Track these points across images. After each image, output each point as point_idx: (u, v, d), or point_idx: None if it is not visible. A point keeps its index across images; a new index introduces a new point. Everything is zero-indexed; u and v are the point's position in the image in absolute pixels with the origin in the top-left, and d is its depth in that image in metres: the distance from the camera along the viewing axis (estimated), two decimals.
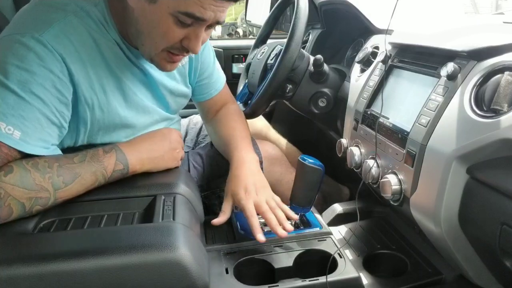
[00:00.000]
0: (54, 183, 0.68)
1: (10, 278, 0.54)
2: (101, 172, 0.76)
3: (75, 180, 0.71)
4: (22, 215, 0.66)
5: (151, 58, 0.81)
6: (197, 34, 0.75)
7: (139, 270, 0.57)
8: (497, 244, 0.62)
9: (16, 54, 0.68)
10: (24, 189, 0.65)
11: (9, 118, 0.65)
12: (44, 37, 0.70)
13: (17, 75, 0.67)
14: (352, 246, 0.99)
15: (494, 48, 0.69)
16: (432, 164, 0.71)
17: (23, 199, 0.65)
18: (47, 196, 0.68)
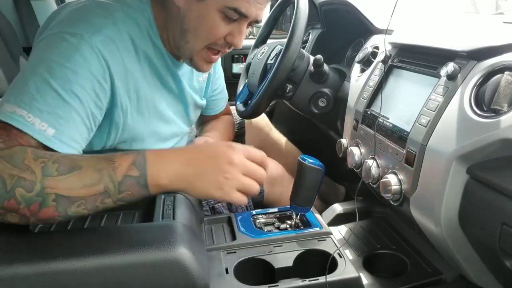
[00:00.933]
0: (45, 168, 0.59)
1: (10, 277, 0.54)
2: (108, 172, 0.61)
3: (72, 172, 0.60)
4: (4, 195, 0.56)
5: (192, 57, 0.84)
6: (240, 30, 0.80)
7: (139, 269, 0.57)
8: (497, 244, 0.62)
9: (63, 53, 0.69)
10: (8, 164, 0.58)
11: (44, 115, 0.65)
12: (93, 40, 0.71)
13: (60, 73, 0.67)
14: (352, 246, 0.99)
15: (494, 48, 0.69)
16: (432, 164, 0.71)
17: (5, 173, 0.57)
18: (32, 179, 0.58)
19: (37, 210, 0.59)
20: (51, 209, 0.59)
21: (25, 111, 0.64)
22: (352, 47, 1.33)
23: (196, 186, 0.67)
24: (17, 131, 0.63)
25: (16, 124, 0.63)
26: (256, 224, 0.95)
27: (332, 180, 1.51)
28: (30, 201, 0.58)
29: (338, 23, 1.41)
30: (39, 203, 0.58)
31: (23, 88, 0.66)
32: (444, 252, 0.81)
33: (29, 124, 0.63)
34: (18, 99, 0.65)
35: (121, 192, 0.62)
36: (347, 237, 1.04)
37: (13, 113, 0.63)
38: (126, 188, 0.62)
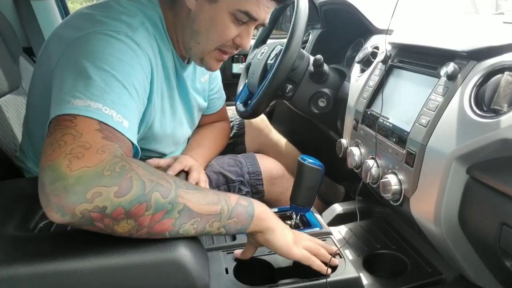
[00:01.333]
0: (176, 181, 0.61)
1: (10, 278, 0.54)
2: (223, 196, 0.66)
3: (197, 190, 0.63)
4: (140, 197, 0.55)
5: (202, 57, 0.85)
6: (248, 32, 0.82)
7: (139, 270, 0.57)
8: (497, 244, 0.62)
9: (116, 48, 0.69)
10: (147, 171, 0.58)
11: (118, 107, 0.64)
12: (136, 38, 0.73)
13: (121, 67, 0.67)
14: (352, 246, 0.99)
15: (494, 48, 0.69)
16: (432, 164, 0.71)
17: (144, 177, 0.56)
18: (168, 186, 0.58)
19: (158, 220, 0.57)
20: (170, 221, 0.59)
21: (100, 104, 0.62)
22: (352, 47, 1.33)
23: (284, 228, 0.74)
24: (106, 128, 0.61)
25: (98, 117, 0.60)
26: None
27: (332, 180, 1.51)
28: (160, 208, 0.57)
29: (338, 23, 1.41)
30: (166, 211, 0.58)
31: (89, 81, 0.63)
32: (444, 252, 0.81)
33: (109, 116, 0.62)
34: (88, 92, 0.62)
35: (230, 218, 0.65)
36: (347, 237, 1.04)
37: (88, 107, 0.60)
38: (236, 214, 0.66)
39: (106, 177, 0.53)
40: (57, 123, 0.59)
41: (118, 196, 0.53)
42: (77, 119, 0.59)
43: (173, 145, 0.96)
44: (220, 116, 1.25)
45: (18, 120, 1.14)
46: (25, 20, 1.67)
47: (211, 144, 1.15)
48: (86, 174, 0.53)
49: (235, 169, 1.14)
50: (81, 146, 0.55)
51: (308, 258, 0.74)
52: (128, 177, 0.55)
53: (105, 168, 0.54)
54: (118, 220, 0.55)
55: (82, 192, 0.52)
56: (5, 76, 1.13)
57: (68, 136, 0.57)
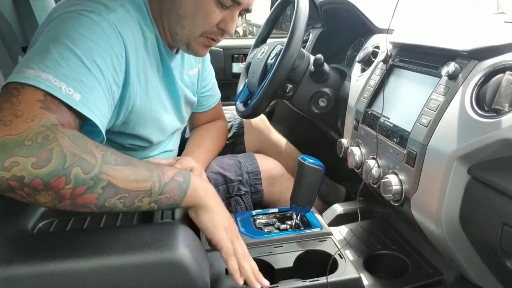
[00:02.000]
0: (105, 156, 0.60)
1: (9, 278, 0.54)
2: (158, 173, 0.66)
3: (128, 165, 0.62)
4: (59, 170, 0.55)
5: (189, 43, 0.85)
6: (233, 16, 0.82)
7: (139, 270, 0.57)
8: (498, 245, 0.62)
9: (83, 25, 0.69)
10: (72, 143, 0.58)
11: (70, 81, 0.64)
12: (110, 18, 0.72)
13: (82, 42, 0.67)
14: (352, 247, 0.99)
15: (495, 48, 0.69)
16: (433, 164, 0.71)
17: (67, 150, 0.57)
18: (92, 162, 0.58)
19: (80, 194, 0.58)
20: (94, 195, 0.59)
21: (51, 75, 0.62)
22: (353, 46, 1.33)
23: (221, 211, 0.72)
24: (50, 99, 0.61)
25: (44, 87, 0.61)
26: (256, 224, 0.95)
27: (333, 180, 1.51)
28: (80, 183, 0.57)
29: (339, 23, 1.41)
30: (87, 186, 0.58)
31: (45, 54, 0.64)
32: (445, 253, 0.81)
33: (56, 88, 0.62)
34: (42, 64, 0.63)
35: (161, 194, 0.65)
36: (348, 237, 1.04)
37: (37, 77, 0.61)
38: (168, 190, 0.66)
39: (26, 147, 0.54)
40: (5, 90, 0.61)
41: (35, 167, 0.54)
42: (24, 89, 0.60)
43: (159, 131, 0.95)
44: (215, 113, 1.24)
45: None
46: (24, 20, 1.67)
47: (210, 145, 1.15)
48: (7, 142, 0.54)
49: (234, 169, 1.14)
50: (13, 114, 0.56)
51: (228, 253, 0.70)
52: (49, 149, 0.55)
53: (27, 138, 0.55)
54: (38, 190, 0.55)
55: (1, 159, 0.53)
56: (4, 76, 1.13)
57: (7, 104, 0.58)
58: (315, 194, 0.90)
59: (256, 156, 1.18)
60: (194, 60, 1.04)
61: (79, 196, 0.58)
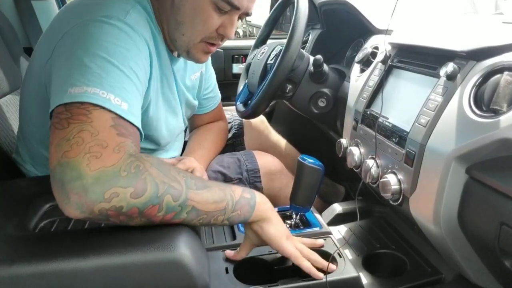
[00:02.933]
0: (187, 182, 0.63)
1: (11, 277, 0.54)
2: (229, 192, 0.69)
3: (206, 188, 0.66)
4: (154, 199, 0.58)
5: (189, 49, 0.85)
6: (232, 21, 0.82)
7: (139, 270, 0.57)
8: (496, 244, 0.62)
9: (109, 34, 0.69)
10: (160, 172, 0.60)
11: (116, 90, 0.65)
12: (129, 21, 0.72)
13: (116, 51, 0.68)
14: (351, 246, 1.00)
15: (493, 48, 0.69)
16: (431, 164, 0.71)
17: (158, 179, 0.59)
18: (180, 189, 0.61)
19: (169, 219, 0.62)
20: (180, 220, 0.63)
21: (97, 88, 0.62)
22: (352, 47, 1.33)
23: (281, 222, 0.78)
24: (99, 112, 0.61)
25: (95, 101, 0.61)
26: None
27: (332, 180, 1.51)
28: (171, 210, 0.61)
29: (338, 23, 1.41)
30: (175, 213, 0.61)
31: (85, 69, 0.64)
32: (443, 252, 0.81)
33: (107, 100, 0.62)
34: (85, 79, 0.63)
35: (234, 211, 0.69)
36: (347, 237, 1.04)
37: (85, 93, 0.62)
38: (239, 207, 0.70)
39: (123, 178, 0.56)
40: (70, 115, 0.60)
41: (133, 197, 0.57)
42: (93, 114, 0.61)
43: (167, 134, 0.96)
44: (216, 115, 1.25)
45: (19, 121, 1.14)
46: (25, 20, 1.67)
47: (211, 145, 1.16)
48: (105, 174, 0.55)
49: (234, 167, 1.15)
50: (99, 145, 0.58)
51: (298, 258, 0.76)
52: (143, 178, 0.58)
53: (121, 169, 0.57)
54: (132, 218, 0.59)
55: (101, 192, 0.55)
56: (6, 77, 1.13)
57: (85, 133, 0.58)
58: (315, 194, 0.90)
59: (255, 153, 1.19)
60: (196, 64, 1.05)
61: (168, 221, 0.62)
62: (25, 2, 1.66)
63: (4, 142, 1.04)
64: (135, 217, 0.59)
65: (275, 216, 0.76)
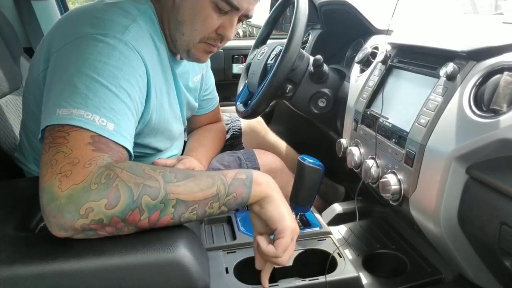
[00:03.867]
0: (165, 176, 0.61)
1: (10, 278, 0.54)
2: (219, 176, 0.66)
3: (189, 178, 0.63)
4: (130, 205, 0.57)
5: (189, 49, 0.85)
6: (231, 22, 0.81)
7: (139, 270, 0.57)
8: (496, 244, 0.62)
9: (102, 52, 0.69)
10: (132, 174, 0.59)
11: (102, 111, 0.64)
12: (126, 38, 0.72)
13: (106, 70, 0.67)
14: (351, 246, 1.00)
15: (493, 49, 0.69)
16: (431, 164, 0.71)
17: (130, 182, 0.58)
18: (156, 186, 0.59)
19: (156, 219, 0.60)
20: (168, 216, 0.61)
21: (83, 110, 0.63)
22: (352, 47, 1.33)
23: (281, 205, 0.70)
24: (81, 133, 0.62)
25: (78, 123, 0.62)
26: None
27: (332, 180, 1.51)
28: (153, 209, 0.59)
29: (338, 24, 1.41)
30: (160, 210, 0.60)
31: (73, 89, 0.65)
32: (443, 252, 0.81)
33: (90, 122, 0.63)
34: (72, 100, 0.64)
35: (228, 195, 0.65)
36: (347, 236, 1.04)
37: (70, 115, 0.62)
38: (233, 189, 0.66)
39: (94, 191, 0.56)
40: (51, 139, 0.61)
41: (109, 208, 0.56)
42: (70, 135, 0.61)
43: (168, 139, 0.96)
44: (214, 116, 1.25)
45: (19, 121, 1.14)
46: (25, 21, 1.67)
47: (211, 143, 1.16)
48: (76, 192, 0.55)
49: (234, 165, 1.15)
50: (70, 163, 0.58)
51: (283, 246, 0.68)
52: (114, 186, 0.57)
53: (92, 182, 0.56)
54: (119, 228, 0.58)
55: (75, 209, 0.55)
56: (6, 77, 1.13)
57: (59, 154, 0.59)
58: (315, 194, 0.90)
59: (255, 151, 1.19)
60: (198, 66, 1.05)
61: (156, 222, 0.60)
62: (25, 2, 1.66)
63: (5, 142, 1.04)
64: (120, 226, 0.58)
65: (278, 194, 0.70)
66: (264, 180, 0.70)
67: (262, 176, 0.70)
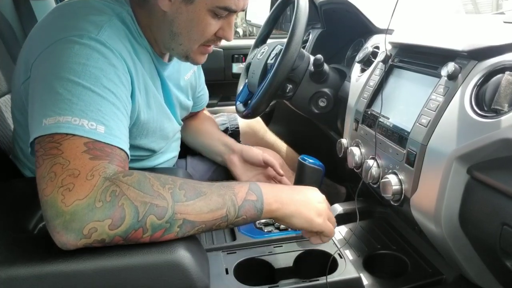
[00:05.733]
0: (174, 194, 0.60)
1: (10, 279, 0.54)
2: (230, 196, 0.64)
3: (199, 197, 0.62)
4: (135, 224, 0.56)
5: (187, 55, 0.84)
6: (230, 23, 0.81)
7: (139, 272, 0.57)
8: (497, 245, 0.62)
9: (80, 54, 0.67)
10: (140, 191, 0.58)
11: (89, 114, 0.63)
12: (102, 37, 0.70)
13: (86, 72, 0.66)
14: (352, 247, 0.99)
15: (494, 48, 0.69)
16: (432, 164, 0.71)
17: (137, 201, 0.57)
18: (164, 205, 0.58)
19: (159, 237, 0.59)
20: (172, 234, 0.60)
21: (69, 116, 0.61)
22: (352, 47, 1.33)
23: (302, 211, 0.72)
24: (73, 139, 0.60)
25: (66, 130, 0.60)
26: (256, 224, 0.95)
27: (333, 181, 1.51)
28: (157, 229, 0.58)
29: (338, 23, 1.41)
30: (164, 229, 0.59)
31: (56, 97, 0.63)
32: (444, 252, 0.81)
33: (79, 127, 0.61)
34: (57, 108, 0.62)
35: (238, 217, 0.65)
36: (347, 237, 1.04)
37: (57, 123, 0.61)
38: (244, 212, 0.65)
39: (99, 210, 0.55)
40: (43, 152, 0.60)
41: (112, 228, 0.56)
42: (63, 145, 0.60)
43: (161, 139, 0.95)
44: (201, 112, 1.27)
45: None
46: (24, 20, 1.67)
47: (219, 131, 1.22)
48: (80, 209, 0.55)
49: None
50: (70, 175, 0.57)
51: (331, 231, 0.75)
52: (120, 206, 0.56)
53: (96, 199, 0.55)
54: (119, 245, 0.58)
55: (79, 229, 0.54)
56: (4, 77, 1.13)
57: (57, 166, 0.58)
58: None
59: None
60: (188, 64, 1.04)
61: (158, 239, 0.59)
62: (24, 2, 1.66)
63: (3, 142, 1.04)
64: (121, 243, 0.58)
65: (293, 208, 0.70)
66: (274, 199, 0.69)
67: (272, 194, 0.69)
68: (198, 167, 1.18)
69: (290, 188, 0.75)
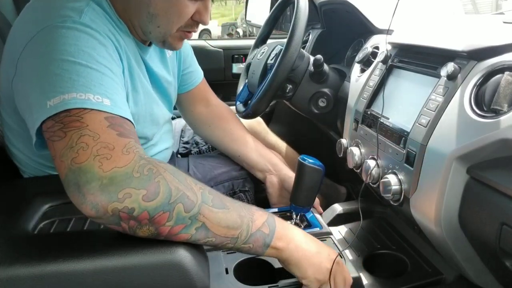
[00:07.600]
0: (204, 195, 0.60)
1: (10, 278, 0.54)
2: (247, 221, 0.64)
3: (222, 209, 0.61)
4: (165, 205, 0.56)
5: (165, 40, 0.83)
6: (206, 7, 0.81)
7: (139, 272, 0.57)
8: (497, 244, 0.62)
9: (69, 37, 0.66)
10: (175, 178, 0.58)
11: (93, 89, 0.62)
12: (84, 20, 0.70)
13: (80, 51, 0.66)
14: (352, 246, 0.99)
15: (494, 48, 0.69)
16: (432, 164, 0.71)
17: (172, 185, 0.57)
18: (193, 200, 0.58)
19: (176, 233, 0.59)
20: (187, 236, 0.59)
21: (74, 93, 0.61)
22: (352, 47, 1.33)
23: (311, 261, 0.70)
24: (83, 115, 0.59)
25: (74, 105, 0.59)
26: None
27: (333, 181, 1.51)
28: (180, 221, 0.58)
29: (338, 23, 1.41)
30: (184, 226, 0.58)
31: (54, 78, 0.62)
32: (444, 252, 0.81)
33: (87, 101, 0.60)
34: (58, 87, 0.61)
35: (245, 243, 0.64)
36: (347, 237, 1.04)
37: (63, 101, 0.60)
38: (252, 241, 0.64)
39: (136, 179, 0.55)
40: (63, 126, 0.59)
41: (145, 200, 0.55)
42: (84, 118, 0.59)
43: (152, 125, 0.94)
44: (203, 91, 1.21)
45: None
46: None
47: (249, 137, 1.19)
48: (118, 175, 0.55)
49: (239, 166, 1.15)
50: (105, 147, 0.57)
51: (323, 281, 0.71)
52: (156, 182, 0.56)
53: (134, 170, 0.56)
54: (142, 224, 0.57)
55: (115, 191, 0.54)
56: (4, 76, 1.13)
57: (86, 137, 0.57)
58: (315, 194, 0.90)
59: None
60: None
61: (174, 235, 0.59)
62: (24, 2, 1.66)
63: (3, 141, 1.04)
64: (144, 223, 0.56)
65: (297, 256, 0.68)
66: (283, 242, 0.68)
67: (284, 235, 0.68)
68: (200, 168, 1.18)
69: (304, 235, 0.72)
